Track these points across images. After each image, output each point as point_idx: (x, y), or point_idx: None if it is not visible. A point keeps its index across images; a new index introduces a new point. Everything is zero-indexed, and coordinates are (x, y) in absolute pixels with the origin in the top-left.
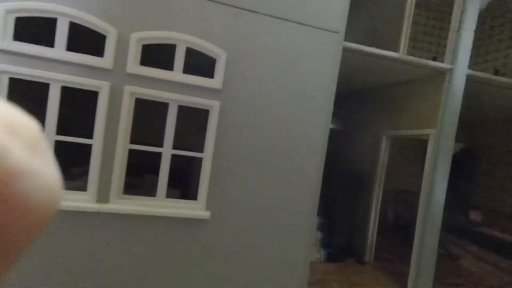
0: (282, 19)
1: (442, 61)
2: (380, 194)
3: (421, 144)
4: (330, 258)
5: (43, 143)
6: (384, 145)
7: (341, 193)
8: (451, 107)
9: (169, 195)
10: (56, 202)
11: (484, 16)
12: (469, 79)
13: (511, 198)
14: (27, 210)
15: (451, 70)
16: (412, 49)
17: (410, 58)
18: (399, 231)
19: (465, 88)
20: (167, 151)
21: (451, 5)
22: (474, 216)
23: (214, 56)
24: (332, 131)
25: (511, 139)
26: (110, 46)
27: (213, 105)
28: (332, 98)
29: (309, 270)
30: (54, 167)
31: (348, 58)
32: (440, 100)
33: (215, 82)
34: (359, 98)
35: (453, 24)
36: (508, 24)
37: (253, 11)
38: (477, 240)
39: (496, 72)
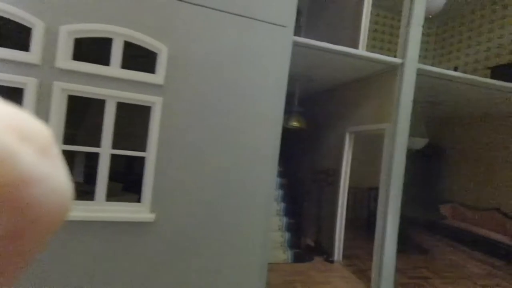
0: (227, 12)
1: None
2: (346, 191)
3: None
4: (298, 258)
5: (54, 148)
6: (348, 141)
7: (310, 193)
8: (403, 101)
9: (127, 199)
10: (67, 207)
11: (446, 18)
12: (424, 74)
13: (478, 191)
14: (37, 216)
15: (402, 64)
16: (373, 48)
17: (363, 52)
18: (371, 228)
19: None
20: (105, 151)
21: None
22: (444, 210)
23: (155, 51)
24: (300, 131)
25: (475, 135)
26: (36, 40)
27: (155, 102)
28: (283, 93)
29: (267, 272)
30: (65, 173)
31: (308, 56)
32: (394, 95)
33: (157, 77)
34: (326, 97)
35: (403, 20)
36: (466, 25)
37: (196, 4)
38: (447, 233)
39: (455, 69)
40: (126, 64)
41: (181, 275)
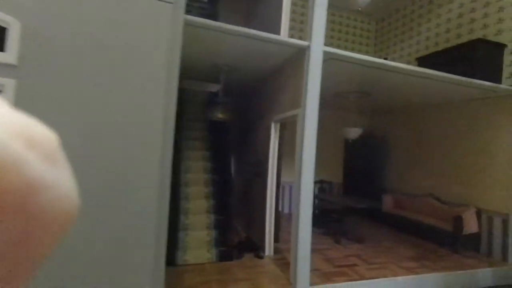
0: None
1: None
2: (274, 184)
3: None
4: (224, 256)
5: (61, 154)
6: (274, 131)
7: (241, 187)
8: (311, 84)
9: None
10: (74, 214)
11: (383, 13)
12: (335, 58)
13: (416, 180)
14: (44, 223)
15: (308, 47)
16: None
17: (266, 34)
18: (315, 221)
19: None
20: None
21: None
22: (386, 199)
23: (3, 25)
24: (229, 124)
25: (413, 124)
26: None
27: (5, 84)
28: (175, 79)
29: (164, 276)
30: (72, 179)
31: (219, 41)
32: (303, 79)
33: (8, 56)
34: (255, 87)
35: (310, 2)
36: (400, 20)
37: None
38: (388, 221)
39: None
40: None
41: (59, 282)
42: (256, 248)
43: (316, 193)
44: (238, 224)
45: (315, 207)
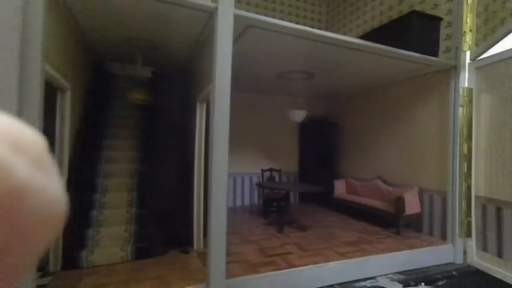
0: None
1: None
2: (202, 174)
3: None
4: (141, 254)
5: (49, 159)
6: (199, 112)
7: (169, 179)
8: (221, 53)
9: None
10: (61, 218)
11: None
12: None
13: (365, 163)
14: (32, 227)
15: (216, 9)
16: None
17: None
18: (266, 212)
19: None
20: None
21: None
22: (338, 185)
23: None
24: (158, 110)
25: (363, 106)
26: None
27: None
28: (37, 62)
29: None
30: (59, 183)
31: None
32: (213, 47)
33: None
34: (183, 67)
35: None
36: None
37: None
38: (339, 207)
39: None
40: None
41: None
42: (184, 243)
43: (259, 182)
44: (171, 218)
45: (263, 197)
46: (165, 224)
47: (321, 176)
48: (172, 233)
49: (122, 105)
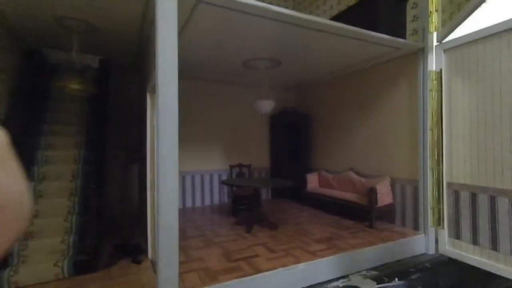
0: None
1: None
2: (155, 171)
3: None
4: (82, 268)
5: (11, 155)
6: (150, 103)
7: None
8: (164, 31)
9: None
10: (26, 213)
11: None
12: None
13: (338, 156)
14: None
15: None
16: None
17: None
18: (235, 212)
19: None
20: None
21: None
22: (311, 179)
23: None
24: (88, 96)
25: (335, 96)
26: None
27: None
28: None
29: None
30: (23, 180)
31: None
32: (154, 26)
33: None
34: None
35: None
36: None
37: None
38: (311, 201)
39: None
40: None
41: None
42: (137, 252)
43: (225, 179)
44: (121, 224)
45: (231, 195)
46: (114, 232)
47: (293, 170)
48: (122, 241)
49: (65, 98)
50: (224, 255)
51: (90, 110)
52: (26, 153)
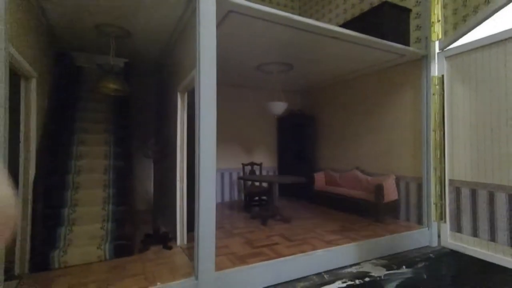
0: None
1: None
2: (185, 164)
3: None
4: (121, 252)
5: None
6: (180, 102)
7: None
8: (205, 38)
9: None
10: (12, 219)
11: None
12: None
13: (344, 156)
14: None
15: None
16: None
17: None
18: (248, 207)
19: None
20: None
21: None
22: (318, 178)
23: None
24: (122, 97)
25: (341, 98)
26: None
27: None
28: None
29: None
30: (7, 185)
31: None
32: (196, 30)
33: None
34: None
35: None
36: None
37: None
38: (321, 200)
39: None
40: None
41: None
42: (166, 239)
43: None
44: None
45: (245, 191)
46: (146, 221)
47: (300, 170)
48: (153, 230)
49: (93, 98)
50: (246, 243)
51: (116, 109)
52: (64, 148)
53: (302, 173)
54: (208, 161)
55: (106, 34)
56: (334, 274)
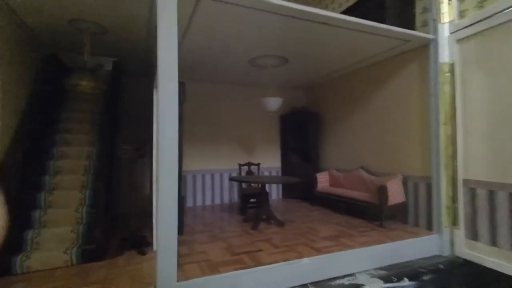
0: None
1: None
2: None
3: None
4: (89, 257)
5: None
6: (156, 99)
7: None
8: (164, 28)
9: None
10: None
11: None
12: None
13: (348, 154)
14: None
15: None
16: None
17: None
18: (243, 210)
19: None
20: None
21: None
22: (321, 178)
23: None
24: (95, 94)
25: (343, 94)
26: None
27: None
28: None
29: None
30: None
31: None
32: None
33: None
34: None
35: None
36: None
37: None
38: (323, 202)
39: None
40: None
41: None
42: (141, 244)
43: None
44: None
45: (240, 193)
46: (122, 224)
47: (304, 170)
48: (128, 233)
49: (78, 98)
50: (228, 249)
51: (102, 109)
52: (44, 149)
53: (306, 173)
54: (169, 154)
55: (81, 30)
56: (321, 286)
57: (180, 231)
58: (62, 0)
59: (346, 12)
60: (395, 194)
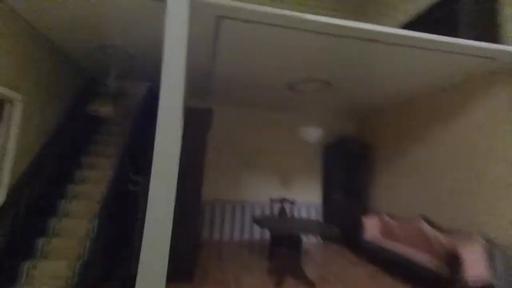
0: None
1: None
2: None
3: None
4: None
5: None
6: None
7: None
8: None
9: None
10: None
11: None
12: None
13: (405, 198)
14: None
15: None
16: None
17: None
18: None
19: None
20: None
21: None
22: (369, 224)
23: None
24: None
25: (401, 126)
26: None
27: None
28: None
29: None
30: None
31: None
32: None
33: None
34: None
35: None
36: None
37: None
38: (370, 254)
39: None
40: None
41: None
42: (122, 278)
43: (257, 216)
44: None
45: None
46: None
47: (349, 209)
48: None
49: (109, 122)
50: None
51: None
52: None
53: (352, 214)
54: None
55: (109, 56)
56: None
57: (191, 277)
58: (92, 27)
59: (407, 26)
60: (472, 266)
